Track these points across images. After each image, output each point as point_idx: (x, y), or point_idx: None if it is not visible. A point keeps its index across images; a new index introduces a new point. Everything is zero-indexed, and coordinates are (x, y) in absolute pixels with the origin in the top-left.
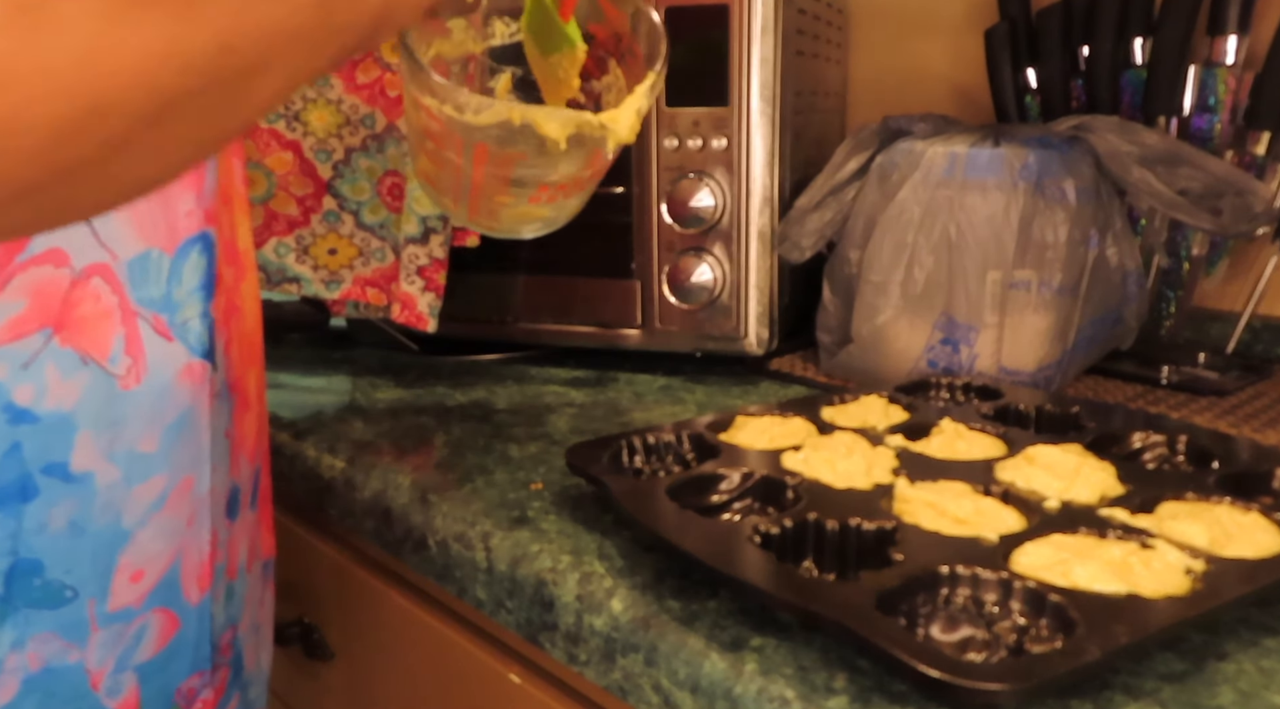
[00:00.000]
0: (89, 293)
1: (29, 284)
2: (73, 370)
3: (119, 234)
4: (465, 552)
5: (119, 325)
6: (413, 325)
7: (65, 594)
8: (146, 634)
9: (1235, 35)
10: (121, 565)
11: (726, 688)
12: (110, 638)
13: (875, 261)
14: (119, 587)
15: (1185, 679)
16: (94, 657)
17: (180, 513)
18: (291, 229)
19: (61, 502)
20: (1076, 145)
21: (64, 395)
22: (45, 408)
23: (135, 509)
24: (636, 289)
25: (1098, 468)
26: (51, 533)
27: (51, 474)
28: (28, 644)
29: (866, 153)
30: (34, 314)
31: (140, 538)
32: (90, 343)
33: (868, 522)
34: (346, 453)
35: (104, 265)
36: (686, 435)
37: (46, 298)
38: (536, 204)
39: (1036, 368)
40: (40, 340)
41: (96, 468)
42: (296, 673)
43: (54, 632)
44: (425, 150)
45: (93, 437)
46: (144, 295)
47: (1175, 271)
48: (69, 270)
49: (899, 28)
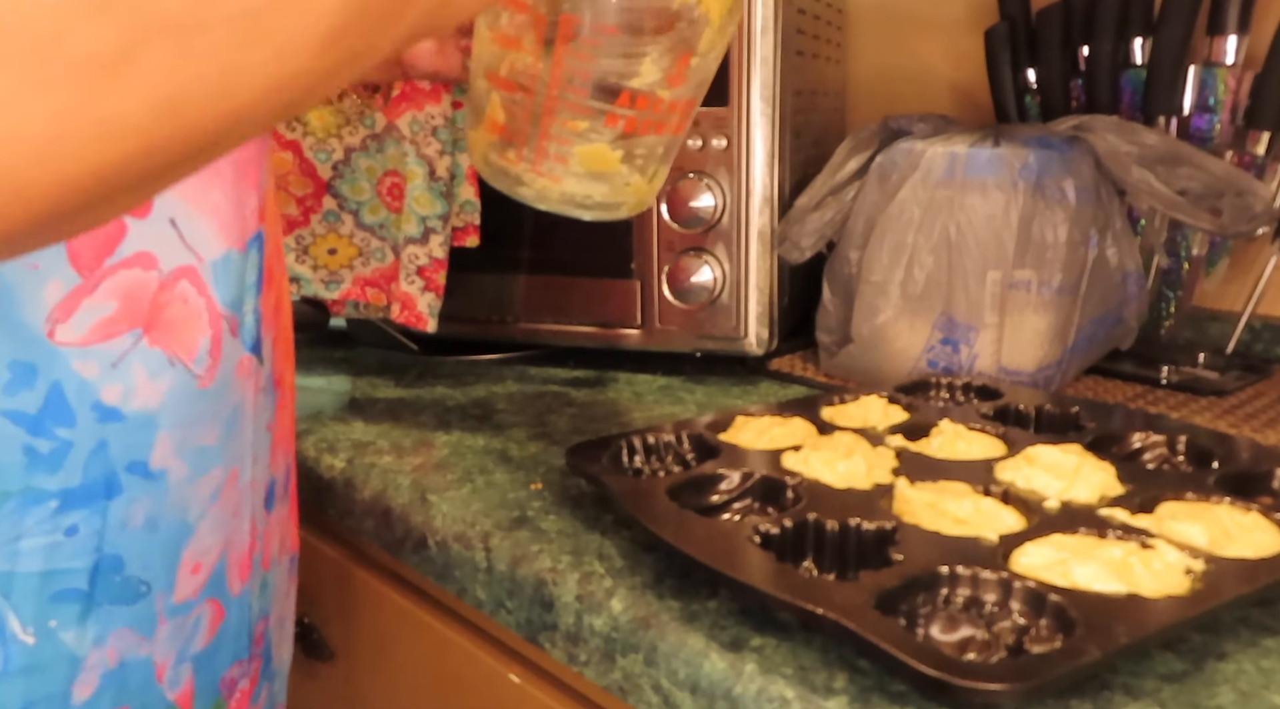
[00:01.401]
0: (177, 295)
1: (119, 286)
2: (160, 371)
3: (204, 236)
4: (465, 552)
5: (206, 327)
6: (413, 325)
7: (140, 589)
8: (201, 625)
9: (1235, 35)
10: (185, 559)
11: (726, 688)
12: (174, 630)
13: (875, 261)
14: (182, 580)
15: (1185, 679)
16: (160, 650)
17: (229, 504)
18: (291, 229)
19: (141, 498)
20: (1076, 145)
21: (150, 395)
22: (132, 407)
23: (198, 503)
24: (636, 289)
25: (1098, 468)
26: (131, 530)
27: (134, 472)
28: (108, 640)
29: (866, 153)
30: (124, 315)
31: (201, 531)
32: (178, 344)
33: (868, 522)
34: (346, 453)
35: (190, 268)
36: (686, 435)
37: (136, 300)
38: (613, 129)
39: (1036, 368)
40: (130, 341)
41: (170, 465)
42: (296, 673)
43: (130, 627)
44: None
45: (170, 434)
46: (225, 296)
47: (1175, 271)
48: (157, 273)
49: (899, 28)
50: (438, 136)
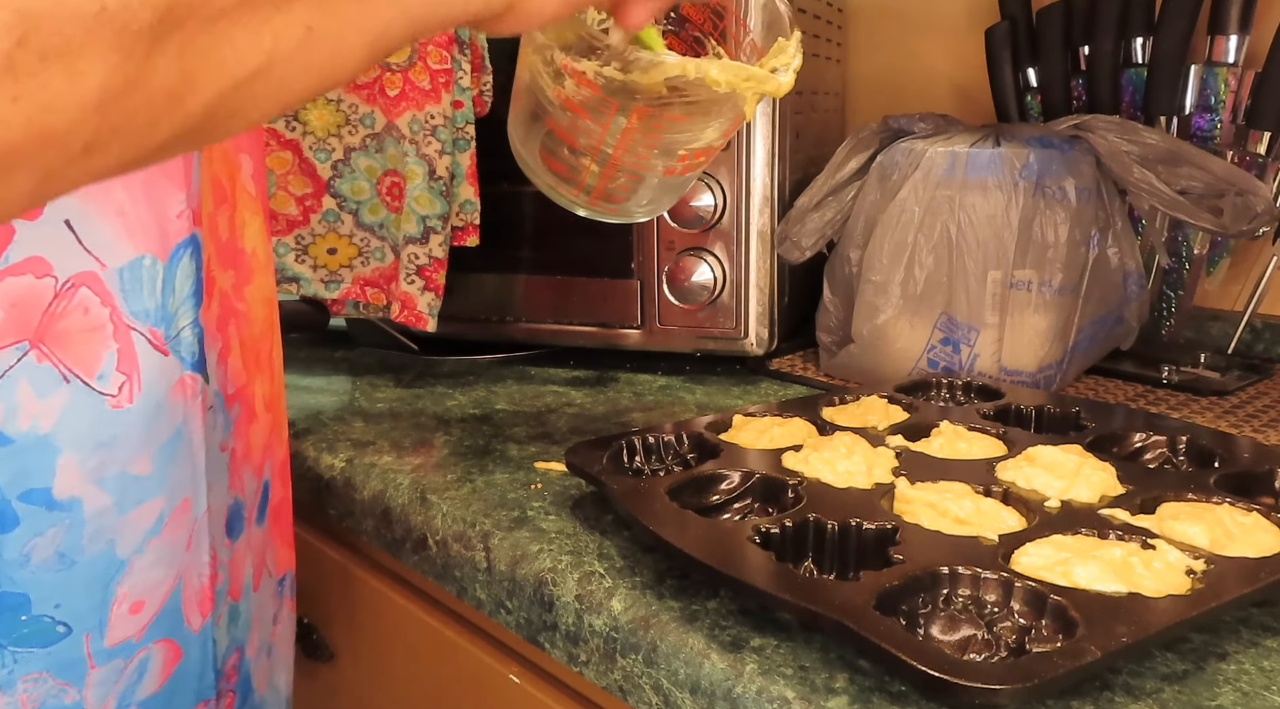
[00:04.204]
0: (75, 305)
1: (6, 295)
2: (50, 388)
3: (106, 240)
4: (465, 552)
5: (110, 340)
6: (413, 325)
7: (57, 630)
8: (149, 668)
9: (1236, 34)
10: (119, 596)
11: (726, 688)
12: (109, 675)
13: (875, 261)
14: (117, 619)
15: (1186, 679)
16: (93, 696)
17: (179, 536)
18: (291, 228)
19: (46, 530)
20: (1077, 145)
21: (40, 414)
22: (18, 428)
23: (131, 536)
24: (636, 289)
25: (1098, 468)
26: (36, 565)
27: (31, 501)
28: (18, 685)
29: (867, 152)
30: (10, 327)
31: (137, 566)
32: (75, 358)
33: (868, 522)
34: (346, 453)
35: (91, 274)
36: (686, 435)
37: (25, 310)
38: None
39: (1037, 368)
40: (13, 355)
41: (84, 493)
42: (297, 673)
43: (46, 671)
44: (559, 127)
45: (78, 460)
46: (138, 307)
47: (1176, 271)
48: (51, 280)
49: (899, 27)
50: (438, 136)
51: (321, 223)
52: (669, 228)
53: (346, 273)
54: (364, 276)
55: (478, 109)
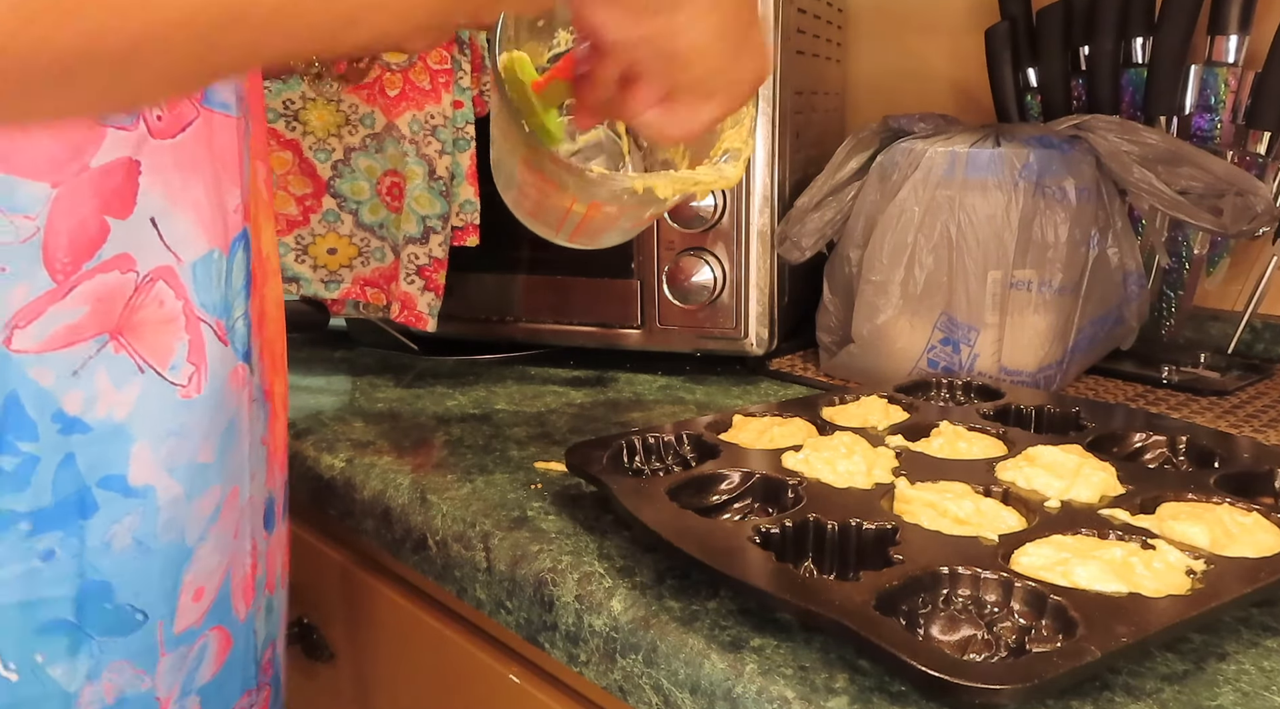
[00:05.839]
0: (152, 298)
1: (93, 291)
2: (126, 378)
3: (182, 234)
4: (465, 552)
5: (182, 332)
6: (413, 325)
7: (136, 618)
8: (206, 655)
9: (1236, 34)
10: (185, 584)
11: (726, 688)
12: (176, 661)
13: (875, 261)
14: (184, 607)
15: (1186, 679)
16: (163, 683)
17: (230, 524)
18: (291, 228)
19: (123, 518)
20: (1077, 145)
21: (116, 404)
22: (96, 417)
23: (196, 524)
24: (636, 289)
25: (1098, 468)
26: (117, 553)
27: (109, 488)
28: (103, 675)
29: (867, 152)
30: (92, 320)
31: (201, 553)
32: (149, 349)
33: (868, 522)
34: (346, 453)
35: (168, 268)
36: (686, 435)
37: (108, 304)
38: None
39: (1037, 368)
40: (93, 347)
41: (156, 482)
42: (296, 673)
43: (127, 659)
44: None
45: (150, 448)
46: (206, 299)
47: (1176, 271)
48: (134, 275)
49: (899, 27)
50: (438, 136)
51: (321, 223)
52: (669, 228)
53: (346, 273)
54: (364, 276)
55: (478, 109)
